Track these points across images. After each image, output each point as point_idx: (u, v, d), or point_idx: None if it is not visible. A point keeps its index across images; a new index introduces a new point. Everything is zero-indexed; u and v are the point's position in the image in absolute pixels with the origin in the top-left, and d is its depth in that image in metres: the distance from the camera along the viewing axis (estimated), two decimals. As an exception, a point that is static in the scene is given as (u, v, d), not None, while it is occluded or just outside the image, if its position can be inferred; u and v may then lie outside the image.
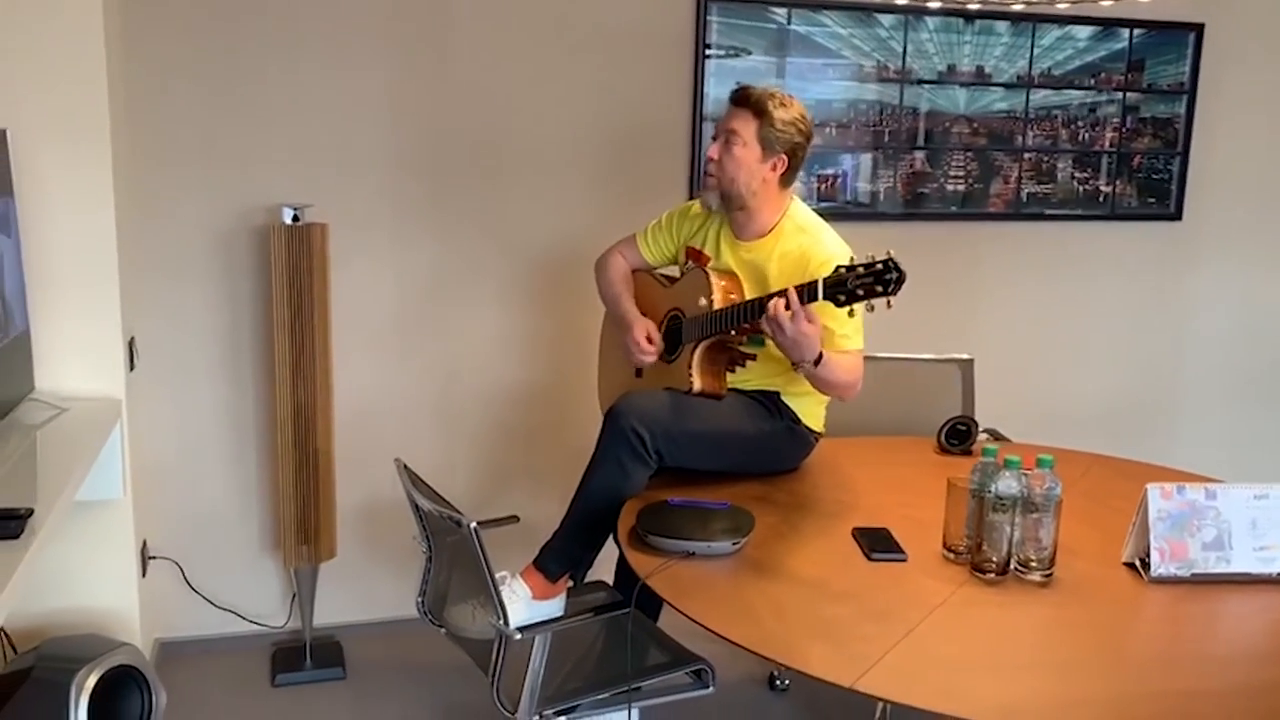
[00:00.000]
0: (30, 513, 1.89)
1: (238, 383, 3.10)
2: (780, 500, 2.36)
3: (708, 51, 3.30)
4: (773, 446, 2.47)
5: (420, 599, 2.42)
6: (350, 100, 3.05)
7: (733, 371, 2.47)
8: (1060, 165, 3.70)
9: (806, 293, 2.13)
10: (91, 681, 2.45)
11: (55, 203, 2.63)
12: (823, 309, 2.24)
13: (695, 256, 2.55)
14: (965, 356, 3.13)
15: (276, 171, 3.02)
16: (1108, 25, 3.62)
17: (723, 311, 2.33)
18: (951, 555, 2.07)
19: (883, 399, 3.12)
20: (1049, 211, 3.73)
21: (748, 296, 2.38)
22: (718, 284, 2.38)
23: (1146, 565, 2.01)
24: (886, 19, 3.42)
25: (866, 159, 3.52)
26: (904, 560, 2.05)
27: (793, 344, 2.16)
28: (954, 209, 3.64)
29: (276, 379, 2.95)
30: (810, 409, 2.52)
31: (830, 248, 2.37)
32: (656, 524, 2.09)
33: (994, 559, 2.00)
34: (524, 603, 2.34)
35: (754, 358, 2.46)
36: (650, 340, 2.50)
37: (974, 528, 2.03)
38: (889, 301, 2.07)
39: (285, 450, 2.97)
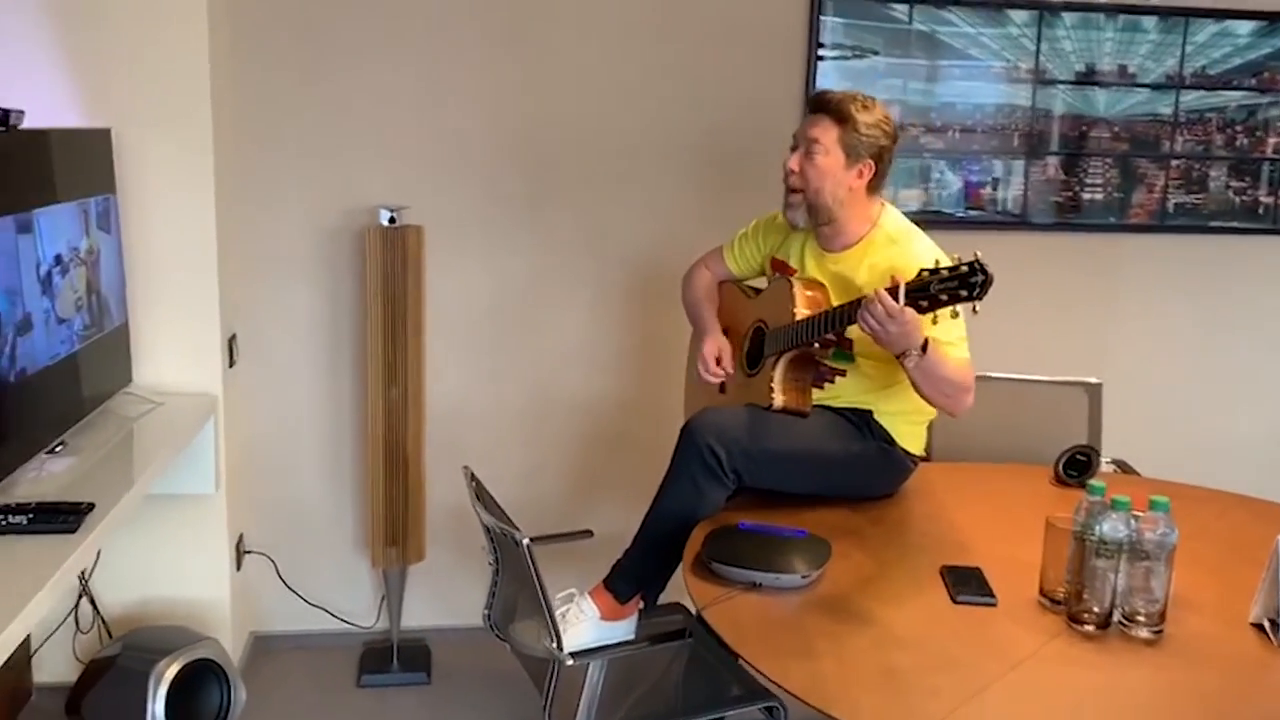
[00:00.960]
0: (90, 507, 1.90)
1: (335, 382, 3.12)
2: (865, 529, 2.19)
3: (821, 52, 3.14)
4: (862, 469, 2.31)
5: (487, 612, 2.35)
6: (450, 102, 3.03)
7: (820, 388, 2.32)
8: (1213, 173, 3.38)
9: (890, 297, 1.97)
10: (171, 673, 2.50)
11: (158, 200, 2.69)
12: (937, 318, 2.08)
13: (781, 268, 2.41)
14: (1093, 380, 2.87)
15: (378, 173, 3.02)
16: (1275, 19, 3.29)
17: (804, 322, 2.18)
18: (1048, 603, 1.87)
19: (998, 423, 2.90)
20: (1199, 224, 3.41)
21: (835, 307, 2.23)
22: (802, 293, 2.23)
23: (1277, 627, 1.76)
24: (1019, 15, 3.19)
25: (995, 165, 3.29)
26: (993, 605, 1.86)
27: (893, 337, 1.99)
28: (1090, 219, 3.36)
29: (369, 380, 2.95)
30: (907, 430, 2.34)
31: (922, 258, 2.18)
32: (723, 550, 1.96)
33: (1095, 610, 1.79)
34: (591, 623, 2.25)
35: (843, 373, 2.30)
36: (720, 361, 2.39)
37: (1074, 573, 1.82)
38: (975, 307, 1.89)
39: (375, 451, 2.97)
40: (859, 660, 1.68)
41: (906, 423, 2.34)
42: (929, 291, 1.92)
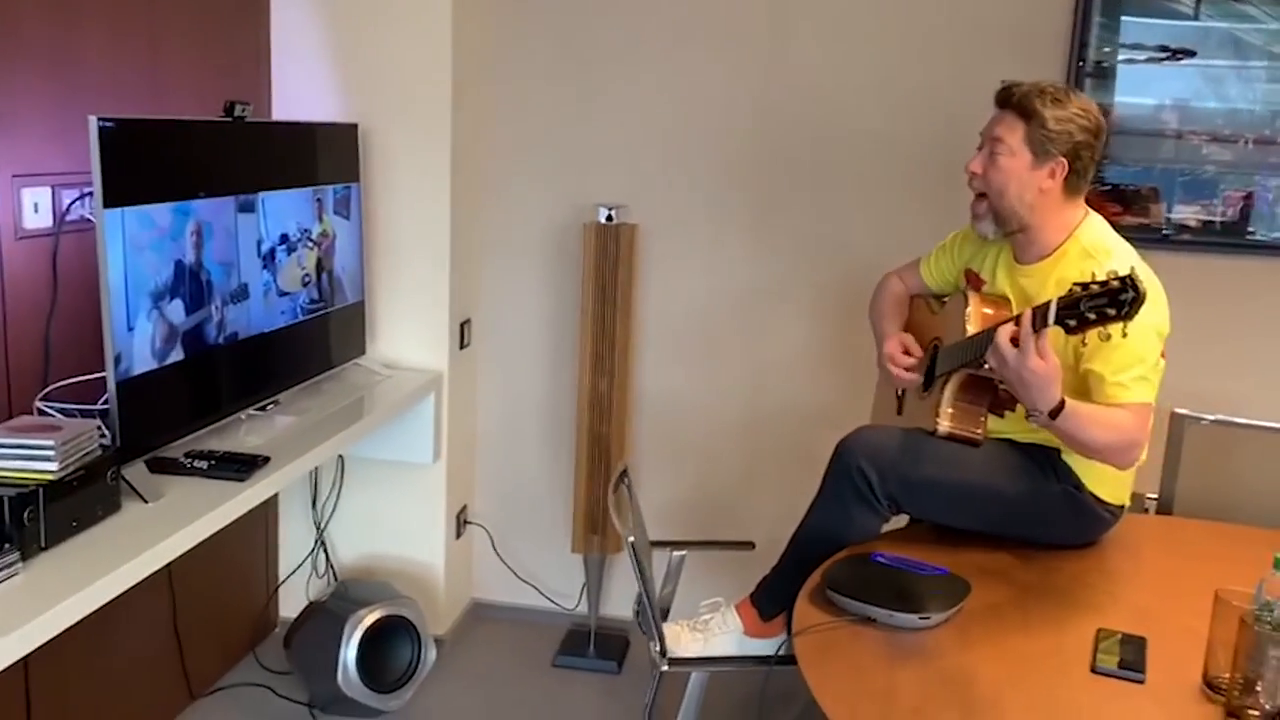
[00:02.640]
0: (266, 461, 2.11)
1: (557, 370, 3.24)
2: (1032, 578, 1.97)
3: (1085, 53, 2.84)
4: (1040, 513, 2.07)
5: (637, 607, 2.35)
6: (683, 105, 3.04)
7: (1001, 416, 2.11)
8: None
9: (1039, 317, 1.76)
10: (366, 623, 2.71)
11: (399, 191, 2.93)
12: (1099, 350, 1.85)
13: (972, 280, 2.22)
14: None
15: (609, 170, 3.10)
16: None
17: (973, 339, 1.99)
18: (1211, 692, 1.59)
19: (1267, 480, 2.50)
20: None
21: (1018, 327, 2.01)
22: (978, 308, 2.03)
23: None
24: (1340, 6, 2.72)
25: (1298, 181, 2.83)
26: (1139, 682, 1.61)
27: (1018, 382, 1.80)
28: None
29: (578, 371, 3.04)
30: (1101, 475, 2.07)
31: None
32: (843, 579, 1.84)
33: (1264, 707, 1.50)
34: (734, 636, 2.20)
35: (1025, 402, 2.07)
36: (908, 351, 2.21)
37: (1242, 660, 1.54)
38: (1124, 329, 1.65)
39: (580, 439, 3.06)
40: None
41: (1101, 467, 2.07)
42: (1078, 309, 1.69)
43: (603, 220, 2.96)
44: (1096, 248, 2.01)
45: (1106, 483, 2.09)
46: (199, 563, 2.74)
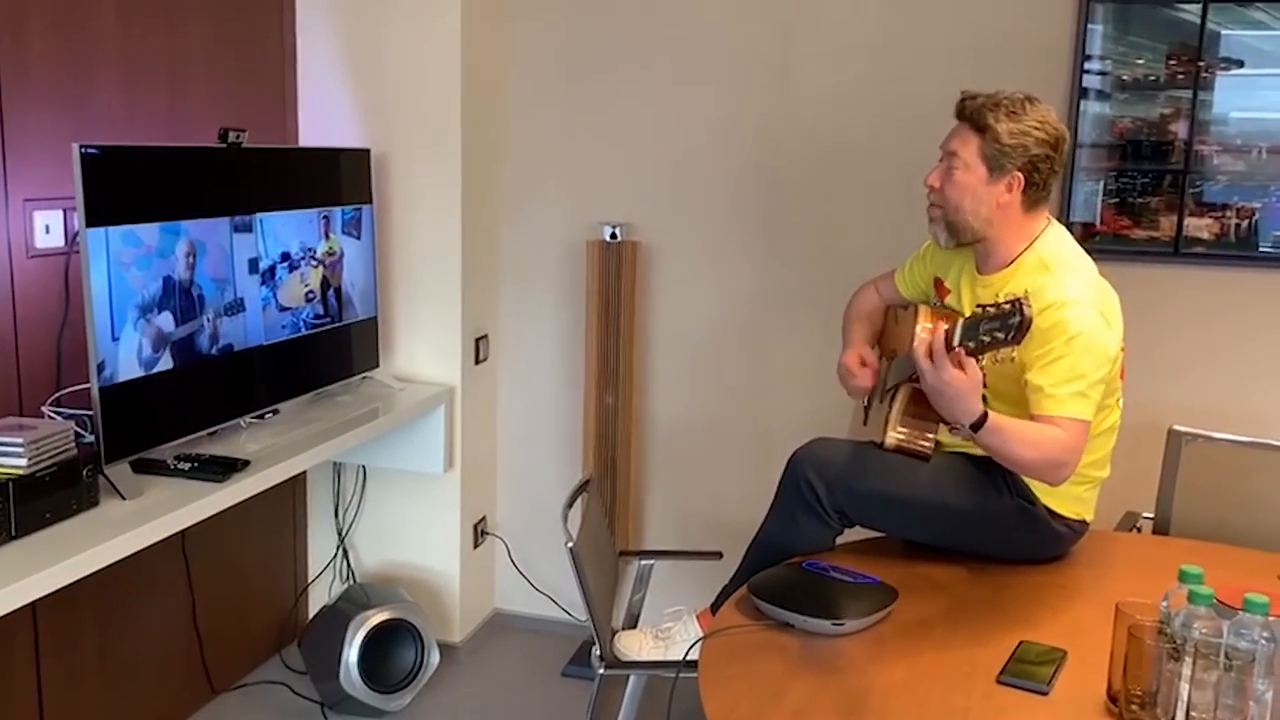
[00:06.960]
0: (245, 464, 2.25)
1: (572, 386, 3.32)
2: (977, 590, 1.96)
3: (1087, 65, 2.81)
4: (990, 527, 2.05)
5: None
6: (689, 124, 3.12)
7: (952, 431, 2.10)
8: None
9: (949, 335, 1.77)
10: (369, 625, 2.83)
11: (412, 213, 3.07)
12: (1036, 362, 1.86)
13: (939, 290, 2.22)
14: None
15: (618, 190, 3.19)
16: None
17: (912, 352, 1.99)
18: (1114, 707, 1.57)
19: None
20: None
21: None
22: (925, 322, 2.04)
23: None
24: (1356, 11, 2.62)
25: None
26: (1042, 694, 1.60)
27: (936, 394, 1.81)
28: None
29: (585, 387, 3.12)
30: (1056, 490, 2.04)
31: (1069, 292, 1.91)
32: (764, 586, 1.87)
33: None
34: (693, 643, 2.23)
35: (974, 417, 2.07)
36: (864, 363, 2.20)
37: (1136, 672, 1.52)
38: (1014, 354, 1.65)
39: (588, 454, 3.13)
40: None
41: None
42: (977, 332, 1.70)
43: (606, 238, 3.04)
44: (1053, 260, 1.99)
45: (1061, 498, 2.06)
46: (221, 567, 2.93)
